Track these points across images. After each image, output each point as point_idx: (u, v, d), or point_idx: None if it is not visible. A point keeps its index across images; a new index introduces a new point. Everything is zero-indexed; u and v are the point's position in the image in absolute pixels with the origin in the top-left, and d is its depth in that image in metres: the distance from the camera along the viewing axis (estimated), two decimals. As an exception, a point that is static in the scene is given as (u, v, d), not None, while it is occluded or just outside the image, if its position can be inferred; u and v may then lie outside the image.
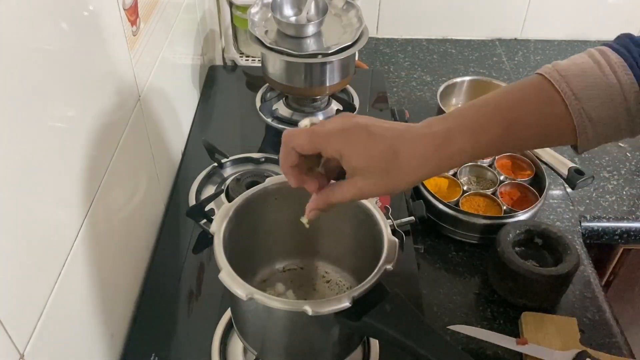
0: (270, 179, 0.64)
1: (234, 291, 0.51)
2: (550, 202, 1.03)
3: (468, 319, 0.82)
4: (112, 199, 0.67)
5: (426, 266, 0.89)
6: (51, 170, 0.52)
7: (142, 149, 0.79)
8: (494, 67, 1.43)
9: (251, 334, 0.61)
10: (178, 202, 0.89)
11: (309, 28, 0.97)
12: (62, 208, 0.54)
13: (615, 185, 1.08)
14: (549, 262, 0.82)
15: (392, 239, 0.57)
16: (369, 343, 0.69)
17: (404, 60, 1.44)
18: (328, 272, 0.70)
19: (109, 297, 0.67)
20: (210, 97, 1.16)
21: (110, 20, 0.65)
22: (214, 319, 0.71)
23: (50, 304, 0.51)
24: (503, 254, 0.80)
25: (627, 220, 1.01)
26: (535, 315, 0.79)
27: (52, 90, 0.51)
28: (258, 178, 0.87)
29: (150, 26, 0.80)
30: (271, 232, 0.67)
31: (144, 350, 0.70)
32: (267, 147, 1.02)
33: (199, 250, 0.83)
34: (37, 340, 0.49)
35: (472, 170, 0.99)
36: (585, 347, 0.74)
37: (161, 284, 0.78)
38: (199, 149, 0.95)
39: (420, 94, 1.32)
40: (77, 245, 0.57)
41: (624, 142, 1.19)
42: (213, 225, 0.57)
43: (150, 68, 0.81)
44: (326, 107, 1.08)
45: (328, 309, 0.50)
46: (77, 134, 0.57)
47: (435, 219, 0.92)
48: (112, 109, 0.67)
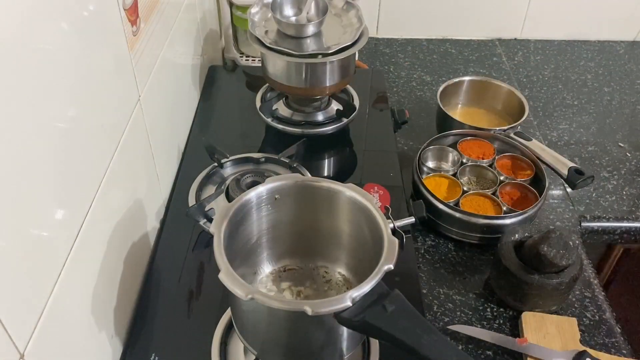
0: (270, 179, 0.64)
1: (234, 291, 0.51)
2: (550, 202, 1.03)
3: (468, 319, 0.82)
4: (112, 199, 0.67)
5: (426, 266, 0.89)
6: (51, 170, 0.52)
7: (142, 149, 0.79)
8: (494, 67, 1.43)
9: (251, 334, 0.61)
10: (178, 202, 0.89)
11: (309, 28, 0.97)
12: (62, 208, 0.54)
13: (615, 185, 1.08)
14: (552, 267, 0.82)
15: (392, 239, 0.57)
16: (369, 343, 0.69)
17: (404, 60, 1.44)
18: (328, 272, 0.70)
19: (109, 297, 0.67)
20: (210, 97, 1.16)
21: (110, 20, 0.65)
22: (214, 319, 0.71)
23: (50, 304, 0.51)
24: (506, 261, 0.79)
25: (627, 220, 1.01)
26: (535, 315, 0.79)
27: (52, 90, 0.51)
28: (258, 178, 0.87)
29: (150, 26, 0.80)
30: (271, 232, 0.67)
31: (144, 350, 0.70)
32: (267, 147, 1.02)
33: (199, 250, 0.83)
34: (37, 340, 0.49)
35: (472, 170, 0.99)
36: (585, 347, 0.75)
37: (161, 284, 0.78)
38: (199, 149, 0.95)
39: (420, 94, 1.32)
40: (77, 245, 0.57)
41: (624, 142, 1.19)
42: (213, 225, 0.57)
43: (150, 68, 0.81)
44: (326, 107, 1.08)
45: (328, 309, 0.50)
46: (77, 134, 0.57)
47: (435, 219, 0.92)
48: (112, 109, 0.67)
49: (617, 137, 1.21)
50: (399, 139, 1.14)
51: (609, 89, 1.36)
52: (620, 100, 1.32)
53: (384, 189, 0.92)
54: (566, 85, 1.37)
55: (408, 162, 1.02)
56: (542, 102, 1.31)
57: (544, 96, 1.33)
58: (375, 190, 0.92)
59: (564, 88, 1.36)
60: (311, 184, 0.64)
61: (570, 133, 1.22)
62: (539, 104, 1.30)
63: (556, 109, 1.29)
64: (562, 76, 1.40)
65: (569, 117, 1.27)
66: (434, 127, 1.14)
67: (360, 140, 1.07)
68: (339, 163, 1.04)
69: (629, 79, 1.40)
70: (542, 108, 1.29)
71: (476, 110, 1.18)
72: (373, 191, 0.92)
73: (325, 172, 1.01)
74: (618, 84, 1.38)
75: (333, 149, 1.05)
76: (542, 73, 1.41)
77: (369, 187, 0.92)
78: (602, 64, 1.45)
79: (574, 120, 1.26)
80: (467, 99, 1.19)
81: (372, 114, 1.12)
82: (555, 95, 1.34)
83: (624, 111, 1.29)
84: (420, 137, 1.13)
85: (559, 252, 0.76)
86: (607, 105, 1.31)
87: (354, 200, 0.63)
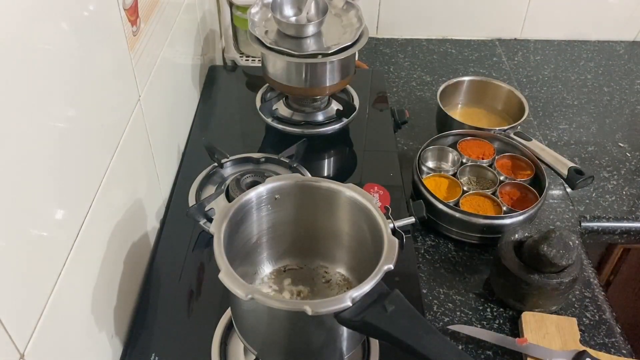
0: (270, 179, 0.64)
1: (234, 291, 0.51)
2: (550, 202, 1.03)
3: (468, 319, 0.82)
4: (112, 199, 0.67)
5: (426, 266, 0.89)
6: (51, 170, 0.52)
7: (142, 149, 0.79)
8: (494, 67, 1.43)
9: (251, 334, 0.61)
10: (178, 202, 0.89)
11: (309, 28, 0.97)
12: (62, 208, 0.54)
13: (615, 185, 1.08)
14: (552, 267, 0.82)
15: (392, 239, 0.57)
16: (369, 343, 0.69)
17: (404, 60, 1.44)
18: (328, 272, 0.70)
19: (109, 297, 0.67)
20: (210, 97, 1.16)
21: (110, 21, 0.65)
22: (214, 319, 0.71)
23: (50, 304, 0.51)
24: (506, 261, 0.79)
25: (627, 220, 1.01)
26: (535, 315, 0.79)
27: (52, 90, 0.51)
28: (258, 178, 0.87)
29: (151, 26, 0.80)
30: (271, 232, 0.67)
31: (144, 350, 0.70)
32: (267, 147, 1.02)
33: (199, 250, 0.83)
34: (37, 340, 0.49)
35: (472, 170, 0.99)
36: (585, 347, 0.75)
37: (161, 284, 0.78)
38: (199, 149, 0.95)
39: (420, 94, 1.32)
40: (77, 245, 0.57)
41: (624, 142, 1.19)
42: (213, 225, 0.57)
43: (150, 68, 0.81)
44: (326, 107, 1.08)
45: (328, 309, 0.50)
46: (77, 134, 0.57)
47: (435, 219, 0.92)
48: (112, 109, 0.67)
49: (617, 137, 1.21)
50: (399, 139, 1.14)
51: (608, 88, 1.36)
52: (620, 100, 1.32)
53: (384, 189, 0.92)
54: (566, 85, 1.37)
55: (408, 162, 1.03)
56: (542, 102, 1.31)
57: (544, 96, 1.33)
58: (375, 190, 0.92)
59: (563, 88, 1.36)
60: (311, 184, 0.64)
61: (570, 133, 1.22)
62: (539, 104, 1.30)
63: (556, 109, 1.29)
64: (562, 76, 1.40)
65: (569, 117, 1.27)
66: (434, 127, 1.14)
67: (360, 140, 1.07)
68: (339, 163, 1.04)
69: (629, 79, 1.40)
70: (542, 108, 1.29)
71: (476, 110, 1.18)
72: (373, 191, 0.92)
73: (325, 172, 1.01)
74: (618, 84, 1.38)
75: (333, 149, 1.05)
76: (542, 73, 1.41)
77: (369, 187, 0.92)
78: (602, 64, 1.45)
79: (573, 120, 1.26)
80: (467, 99, 1.19)
81: (372, 114, 1.12)
82: (555, 95, 1.34)
83: (623, 111, 1.29)
84: (420, 137, 1.13)
85: (559, 252, 0.76)
86: (607, 105, 1.31)
87: (354, 200, 0.62)
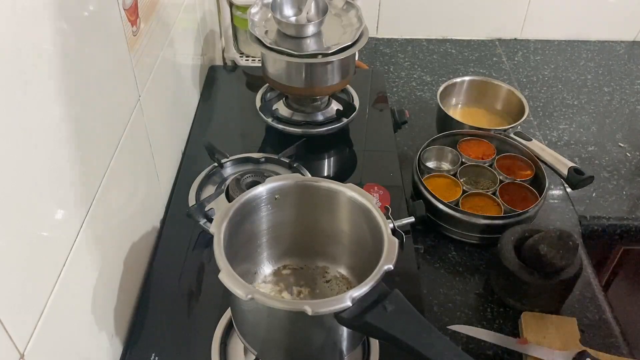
0: (270, 179, 0.64)
1: (234, 291, 0.51)
2: (550, 202, 1.03)
3: (468, 319, 0.82)
4: (112, 199, 0.67)
5: (426, 266, 0.89)
6: (51, 170, 0.52)
7: (142, 149, 0.79)
8: (494, 67, 1.43)
9: (251, 334, 0.61)
10: (178, 202, 0.89)
11: (309, 28, 0.97)
12: (62, 208, 0.54)
13: (615, 185, 1.08)
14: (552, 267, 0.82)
15: (392, 239, 0.57)
16: (369, 343, 0.69)
17: (404, 60, 1.44)
18: (328, 271, 0.70)
19: (109, 297, 0.67)
20: (210, 97, 1.16)
21: (110, 21, 0.65)
22: (214, 319, 0.71)
23: (50, 304, 0.51)
24: (506, 261, 0.79)
25: (627, 220, 1.01)
26: (535, 315, 0.79)
27: (52, 90, 0.51)
28: (258, 178, 0.87)
29: (150, 26, 0.80)
30: (271, 232, 0.67)
31: (144, 350, 0.70)
32: (267, 147, 1.02)
33: (199, 250, 0.83)
34: (37, 340, 0.49)
35: (472, 170, 0.99)
36: (585, 347, 0.74)
37: (161, 284, 0.78)
38: (199, 149, 0.95)
39: (420, 94, 1.32)
40: (77, 245, 0.57)
41: (624, 142, 1.19)
42: (213, 225, 0.57)
43: (150, 68, 0.81)
44: (326, 107, 1.08)
45: (328, 309, 0.50)
46: (77, 134, 0.57)
47: (435, 219, 0.92)
48: (112, 109, 0.67)
49: (617, 137, 1.21)
50: (399, 139, 1.14)
51: (608, 89, 1.36)
52: (620, 100, 1.32)
53: (384, 189, 0.92)
54: (566, 85, 1.37)
55: (408, 162, 1.03)
56: (542, 102, 1.31)
57: (544, 96, 1.33)
58: (375, 190, 0.92)
59: (564, 88, 1.36)
60: (311, 184, 0.64)
61: (570, 133, 1.22)
62: (539, 104, 1.30)
63: (556, 109, 1.29)
64: (562, 76, 1.40)
65: (569, 117, 1.27)
66: (434, 127, 1.14)
67: (360, 140, 1.07)
68: (339, 163, 1.04)
69: (629, 79, 1.40)
70: (542, 108, 1.29)
71: (476, 110, 1.18)
72: (373, 191, 0.92)
73: (325, 172, 1.01)
74: (618, 84, 1.38)
75: (333, 149, 1.05)
76: (542, 73, 1.41)
77: (369, 187, 0.92)
78: (602, 64, 1.45)
79: (573, 120, 1.26)
80: (467, 99, 1.19)
81: (372, 114, 1.12)
82: (555, 95, 1.34)
83: (623, 111, 1.29)
84: (420, 137, 1.13)
85: (558, 252, 0.76)
86: (606, 105, 1.31)
87: (354, 200, 0.63)
